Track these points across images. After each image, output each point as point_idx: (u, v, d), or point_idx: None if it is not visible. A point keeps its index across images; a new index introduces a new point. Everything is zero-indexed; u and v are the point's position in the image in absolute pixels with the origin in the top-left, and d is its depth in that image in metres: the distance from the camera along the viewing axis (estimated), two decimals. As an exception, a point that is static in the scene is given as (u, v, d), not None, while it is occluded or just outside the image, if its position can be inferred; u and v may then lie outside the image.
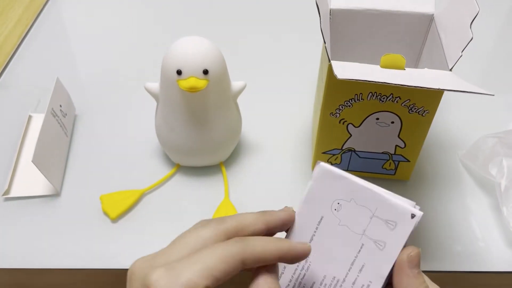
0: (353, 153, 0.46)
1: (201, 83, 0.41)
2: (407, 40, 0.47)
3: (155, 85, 0.45)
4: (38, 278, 0.43)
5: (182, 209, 0.46)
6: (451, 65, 0.38)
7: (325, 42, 0.38)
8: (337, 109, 0.42)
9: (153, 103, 0.47)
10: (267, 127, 0.54)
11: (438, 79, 0.36)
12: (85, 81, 0.62)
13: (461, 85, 0.34)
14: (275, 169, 0.50)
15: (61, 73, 0.54)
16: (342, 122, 0.43)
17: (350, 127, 0.43)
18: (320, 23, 0.38)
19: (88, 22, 0.73)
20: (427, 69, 0.39)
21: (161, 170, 0.49)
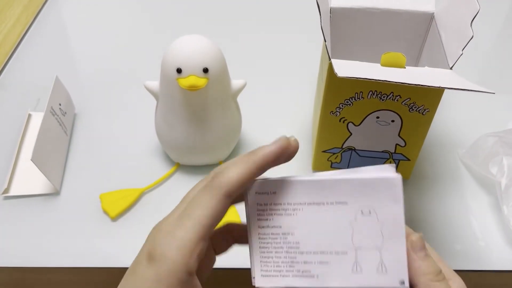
0: (353, 151, 0.46)
1: (201, 81, 0.41)
2: (407, 38, 0.47)
3: (155, 84, 0.45)
4: (37, 276, 0.43)
5: (182, 208, 0.46)
6: (452, 64, 0.38)
7: (326, 40, 0.38)
8: (337, 108, 0.42)
9: (153, 101, 0.47)
10: (267, 126, 0.54)
11: (438, 77, 0.36)
12: (85, 79, 0.62)
13: (462, 83, 0.33)
14: (274, 168, 0.50)
15: (60, 72, 0.54)
16: (342, 120, 0.43)
17: (350, 125, 0.43)
18: (320, 21, 0.38)
19: (87, 20, 0.73)
20: (427, 68, 0.39)
21: (160, 169, 0.49)
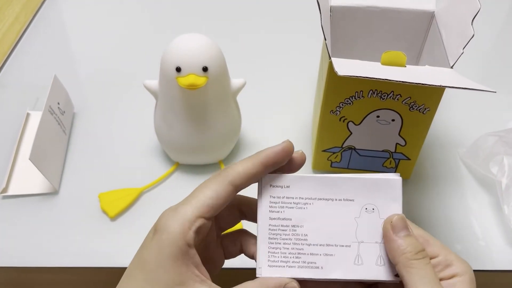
0: (353, 151, 0.45)
1: (201, 80, 0.40)
2: (408, 37, 0.47)
3: (154, 83, 0.45)
4: (36, 276, 0.43)
5: (181, 207, 0.46)
6: (452, 62, 0.38)
7: (326, 39, 0.38)
8: (338, 107, 0.41)
9: (152, 100, 0.47)
10: (267, 125, 0.54)
11: (439, 76, 0.36)
12: (84, 79, 0.62)
13: (463, 82, 0.33)
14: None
15: (59, 71, 0.54)
16: (342, 120, 0.42)
17: (350, 125, 0.43)
18: (320, 20, 0.37)
19: (86, 19, 0.72)
20: (428, 66, 0.38)
21: (160, 168, 0.49)
